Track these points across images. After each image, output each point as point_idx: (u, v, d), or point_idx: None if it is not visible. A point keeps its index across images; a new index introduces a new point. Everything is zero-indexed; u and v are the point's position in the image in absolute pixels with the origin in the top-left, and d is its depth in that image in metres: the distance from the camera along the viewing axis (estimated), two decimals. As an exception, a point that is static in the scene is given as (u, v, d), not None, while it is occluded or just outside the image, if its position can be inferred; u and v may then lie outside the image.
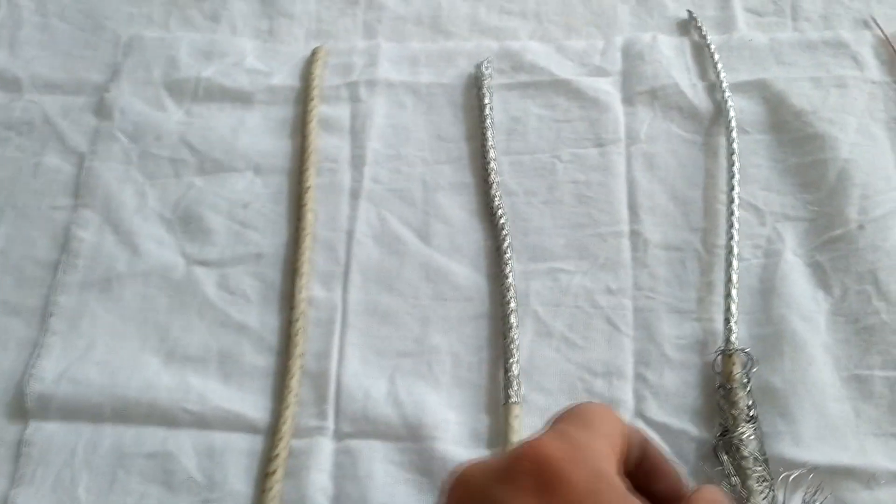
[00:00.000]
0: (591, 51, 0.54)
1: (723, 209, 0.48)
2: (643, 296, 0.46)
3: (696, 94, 0.51)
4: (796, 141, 0.49)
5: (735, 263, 0.44)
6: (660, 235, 0.47)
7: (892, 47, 0.52)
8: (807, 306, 0.44)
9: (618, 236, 0.47)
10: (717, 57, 0.48)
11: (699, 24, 0.53)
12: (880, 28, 0.53)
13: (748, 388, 0.41)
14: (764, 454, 0.39)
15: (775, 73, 0.52)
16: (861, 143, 0.48)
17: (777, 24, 0.54)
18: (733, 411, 0.40)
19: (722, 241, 0.47)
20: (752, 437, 0.39)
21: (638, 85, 0.52)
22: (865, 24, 0.54)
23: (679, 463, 0.40)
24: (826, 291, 0.45)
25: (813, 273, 0.45)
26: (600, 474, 0.27)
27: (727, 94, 0.48)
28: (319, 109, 0.52)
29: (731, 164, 0.47)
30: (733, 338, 0.42)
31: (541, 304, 0.46)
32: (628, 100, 0.52)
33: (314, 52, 0.54)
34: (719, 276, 0.46)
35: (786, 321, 0.43)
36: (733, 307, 0.43)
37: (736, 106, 0.51)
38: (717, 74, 0.48)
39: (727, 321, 0.42)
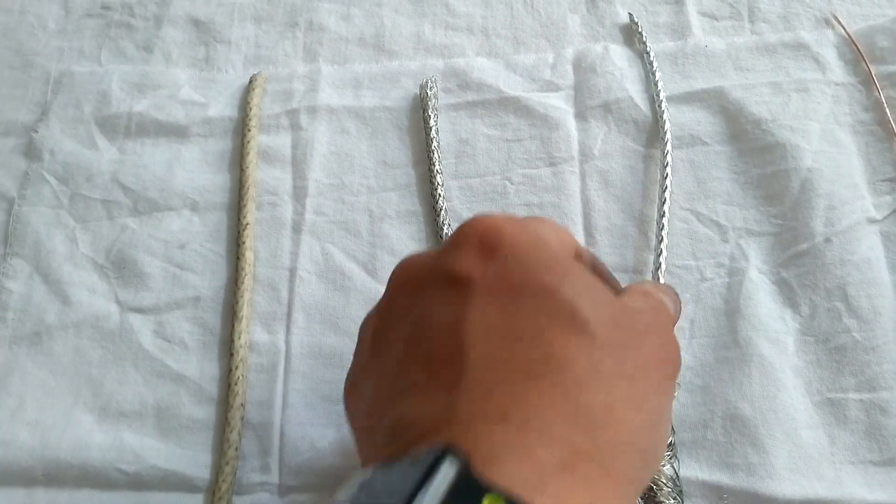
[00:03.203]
0: (541, 65, 0.51)
1: (684, 227, 0.45)
2: (603, 323, 0.43)
3: (650, 105, 0.49)
4: (757, 151, 0.47)
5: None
6: (618, 258, 0.45)
7: (856, 46, 0.50)
8: (774, 327, 0.42)
9: (574, 260, 0.45)
10: (655, 65, 0.46)
11: (640, 30, 0.51)
12: (842, 26, 0.51)
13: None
14: (679, 486, 0.37)
15: (733, 79, 0.49)
16: (825, 150, 0.46)
17: (734, 28, 0.52)
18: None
19: (683, 261, 0.44)
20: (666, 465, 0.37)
21: (590, 99, 0.50)
22: (827, 23, 0.52)
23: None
24: (794, 310, 0.42)
25: (779, 291, 0.43)
26: (542, 240, 0.29)
27: (664, 104, 0.46)
28: (258, 140, 0.49)
29: (664, 178, 0.45)
30: None
31: (495, 338, 0.43)
32: (581, 115, 0.49)
33: (252, 80, 0.51)
34: (683, 298, 0.43)
35: (752, 344, 0.41)
36: None
37: (693, 116, 0.48)
38: (655, 84, 0.46)
39: None
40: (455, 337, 0.26)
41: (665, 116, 0.46)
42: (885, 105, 0.48)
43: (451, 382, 0.25)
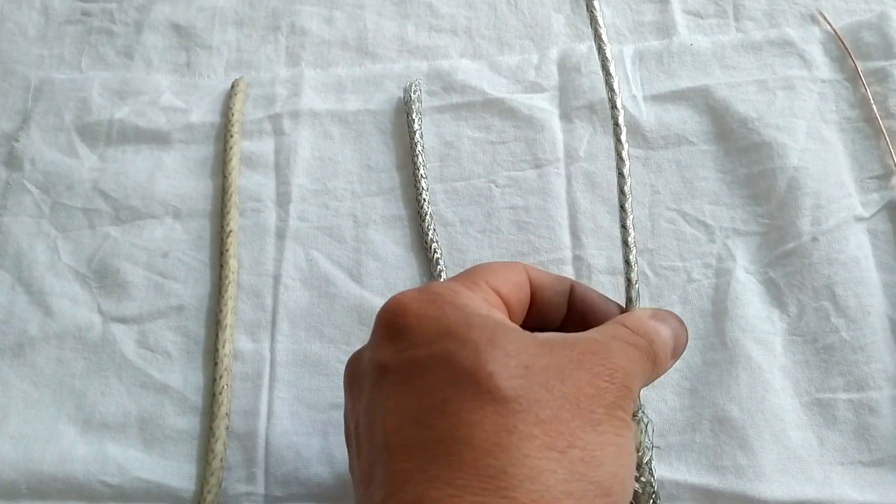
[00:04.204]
0: (525, 66, 0.51)
1: (671, 228, 0.45)
2: (590, 326, 0.43)
3: (636, 105, 0.49)
4: (743, 150, 0.46)
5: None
6: (604, 260, 0.45)
7: (842, 42, 0.50)
8: (762, 327, 0.41)
9: (560, 263, 0.45)
10: (613, 74, 0.45)
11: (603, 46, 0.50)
12: (828, 22, 0.51)
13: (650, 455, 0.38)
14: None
15: (719, 78, 0.49)
16: (811, 148, 0.46)
17: (719, 26, 0.52)
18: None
19: (670, 262, 0.44)
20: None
21: (575, 100, 0.49)
22: (813, 20, 0.51)
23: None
24: (782, 310, 0.42)
25: (767, 291, 0.43)
26: (452, 305, 0.28)
27: (618, 108, 0.46)
28: (241, 146, 0.49)
29: (622, 185, 0.44)
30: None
31: (482, 342, 0.43)
32: (566, 116, 0.49)
33: (234, 85, 0.51)
34: (670, 300, 0.43)
35: (740, 345, 0.41)
36: None
37: (679, 116, 0.48)
38: (611, 92, 0.46)
39: None
40: (380, 429, 0.27)
41: (621, 122, 0.46)
42: (872, 101, 0.47)
43: (382, 477, 0.26)
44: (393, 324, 0.29)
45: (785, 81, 0.48)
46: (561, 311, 0.33)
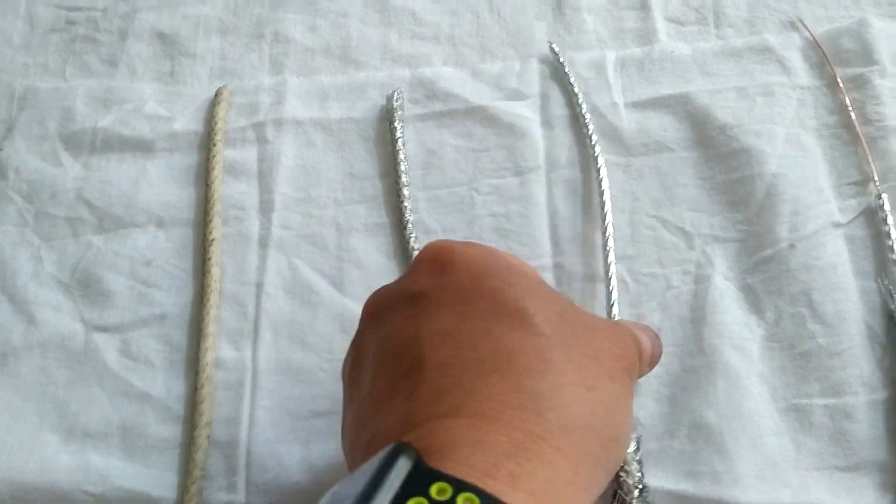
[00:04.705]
0: (508, 73, 0.51)
1: (651, 235, 0.45)
2: (570, 333, 0.43)
3: (616, 113, 0.49)
4: (723, 157, 0.47)
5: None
6: (584, 267, 0.45)
7: (821, 49, 0.50)
8: (739, 334, 0.42)
9: (541, 271, 0.45)
10: (576, 87, 0.47)
11: (561, 59, 0.51)
12: (808, 29, 0.51)
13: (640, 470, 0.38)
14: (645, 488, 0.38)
15: (699, 84, 0.49)
16: (790, 154, 0.46)
17: (700, 33, 0.52)
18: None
19: (650, 269, 0.44)
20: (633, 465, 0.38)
21: (556, 107, 0.50)
22: (793, 27, 0.52)
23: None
24: (759, 316, 0.42)
25: (745, 297, 0.43)
26: (493, 252, 0.31)
27: (588, 119, 0.47)
28: (224, 154, 0.49)
29: (601, 195, 0.45)
30: None
31: (462, 350, 0.43)
32: (547, 123, 0.49)
33: (218, 93, 0.51)
34: (649, 307, 0.44)
35: (718, 352, 0.41)
36: None
37: (659, 122, 0.48)
38: (575, 102, 0.47)
39: None
40: (413, 348, 0.28)
41: (592, 133, 0.47)
42: (850, 108, 0.48)
43: (411, 391, 0.27)
44: (437, 259, 0.30)
45: (764, 88, 0.49)
46: None
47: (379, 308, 0.31)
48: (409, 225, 0.46)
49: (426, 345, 0.28)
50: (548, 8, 0.54)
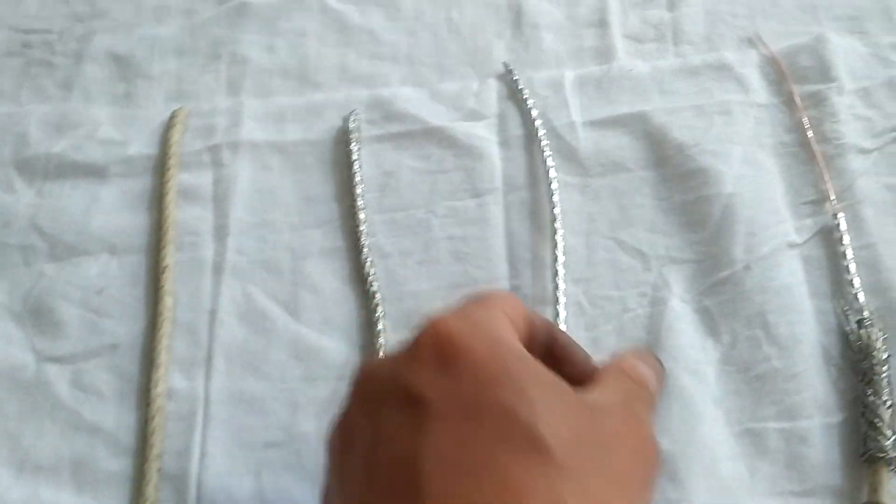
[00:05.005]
0: (466, 93, 0.51)
1: (607, 257, 0.45)
2: (525, 358, 0.43)
3: (573, 133, 0.49)
4: (680, 176, 0.47)
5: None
6: (540, 290, 0.45)
7: (779, 66, 0.50)
8: (695, 357, 0.41)
9: (497, 294, 0.44)
10: (532, 107, 0.46)
11: (515, 78, 0.50)
12: (766, 46, 0.51)
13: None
14: None
15: (657, 103, 0.49)
16: (747, 173, 0.46)
17: (658, 51, 0.52)
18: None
19: (606, 291, 0.44)
20: None
21: (514, 127, 0.49)
22: (751, 43, 0.52)
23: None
24: (715, 339, 0.42)
25: (701, 320, 0.43)
26: (499, 340, 0.28)
27: (543, 142, 0.46)
28: (179, 178, 0.49)
29: (553, 221, 0.45)
30: None
31: (417, 376, 0.43)
32: (505, 144, 0.49)
33: (173, 116, 0.51)
34: (605, 331, 0.43)
35: (673, 376, 0.41)
36: None
37: (617, 142, 0.48)
38: (533, 122, 0.47)
39: None
40: (411, 470, 0.25)
41: (546, 154, 0.47)
42: (807, 126, 0.48)
43: None
44: (438, 351, 0.27)
45: (722, 106, 0.49)
46: (538, 349, 0.32)
47: (372, 394, 0.29)
48: (365, 249, 0.46)
49: (424, 471, 0.25)
50: (506, 26, 0.54)
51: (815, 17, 0.52)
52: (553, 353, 0.32)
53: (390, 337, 0.44)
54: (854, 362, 0.40)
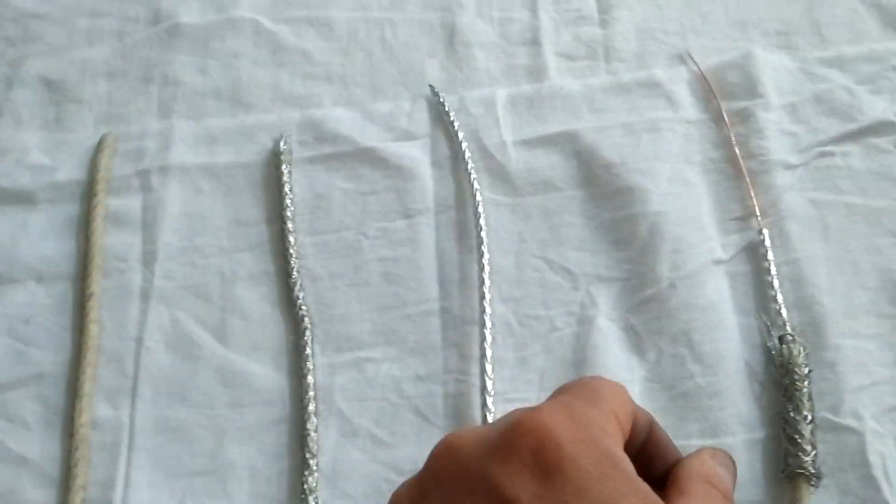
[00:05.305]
0: (398, 113, 0.51)
1: (536, 276, 0.45)
2: (454, 379, 0.43)
3: (504, 152, 0.49)
4: (608, 195, 0.47)
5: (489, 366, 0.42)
6: (470, 310, 0.45)
7: (708, 83, 0.50)
8: (620, 375, 0.42)
9: (427, 315, 0.45)
10: (458, 128, 0.46)
11: (442, 100, 0.50)
12: (695, 63, 0.51)
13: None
14: None
15: (587, 122, 0.49)
16: (674, 191, 0.46)
17: (590, 68, 0.52)
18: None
19: (535, 311, 0.44)
20: None
21: (446, 147, 0.49)
22: (681, 60, 0.52)
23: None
24: (640, 357, 0.42)
25: (627, 338, 0.43)
26: (608, 457, 0.24)
27: (470, 164, 0.46)
28: (107, 204, 0.48)
29: (480, 244, 0.45)
30: None
31: (346, 401, 0.43)
32: (437, 164, 0.49)
33: (102, 140, 0.50)
34: (534, 350, 0.43)
35: (598, 396, 0.41)
36: (490, 419, 0.40)
37: (547, 161, 0.48)
38: (460, 145, 0.47)
39: None
40: None
41: (473, 177, 0.47)
42: (734, 142, 0.48)
43: None
44: (539, 454, 0.24)
45: (651, 124, 0.49)
46: (636, 446, 0.30)
47: (457, 480, 0.25)
48: (295, 273, 0.46)
49: None
50: (440, 45, 0.54)
51: (746, 32, 0.53)
52: (647, 447, 0.30)
53: (319, 361, 0.44)
54: (777, 378, 0.41)
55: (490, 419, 0.40)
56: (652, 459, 0.30)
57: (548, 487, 0.24)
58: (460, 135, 0.49)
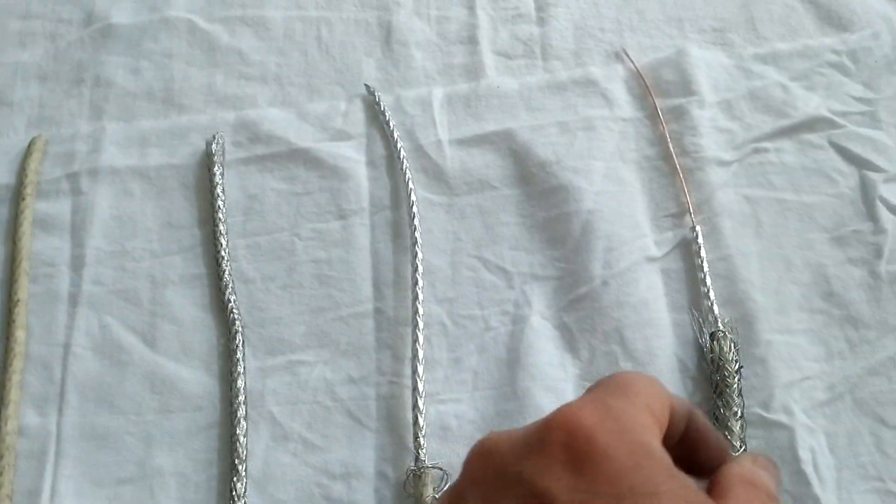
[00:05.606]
0: (333, 113, 0.50)
1: (471, 275, 0.45)
2: (387, 381, 0.43)
3: (440, 151, 0.49)
4: (543, 194, 0.47)
5: (421, 370, 0.41)
6: (404, 311, 0.44)
7: (643, 80, 0.50)
8: (553, 374, 0.42)
9: (360, 317, 0.44)
10: (393, 128, 0.46)
11: (377, 100, 0.50)
12: (631, 60, 0.51)
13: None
14: None
15: (523, 120, 0.49)
16: (608, 189, 0.46)
17: (527, 67, 0.52)
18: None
19: (469, 311, 0.44)
20: None
21: (381, 147, 0.49)
22: (618, 57, 0.52)
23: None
24: (574, 355, 0.42)
25: (561, 336, 0.43)
26: (642, 447, 0.24)
27: (405, 164, 0.46)
28: (35, 208, 0.47)
29: (414, 244, 0.45)
30: (422, 454, 0.39)
31: (277, 404, 0.42)
32: (372, 164, 0.49)
33: (31, 143, 0.49)
34: (468, 350, 0.43)
35: (530, 395, 0.41)
36: (420, 420, 0.40)
37: (483, 160, 0.48)
38: (395, 144, 0.46)
39: (416, 436, 0.39)
40: None
41: (408, 177, 0.47)
42: (669, 139, 0.48)
43: None
44: (572, 449, 0.24)
45: (586, 122, 0.49)
46: (675, 437, 0.29)
47: (491, 479, 0.26)
48: (226, 275, 0.45)
49: None
50: (377, 44, 0.53)
51: (682, 30, 0.53)
52: (687, 437, 0.29)
53: (250, 364, 0.43)
54: (708, 374, 0.41)
55: (421, 420, 0.40)
56: (694, 450, 0.29)
57: (581, 479, 0.24)
58: (396, 134, 0.48)
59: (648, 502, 0.23)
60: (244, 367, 0.42)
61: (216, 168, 0.48)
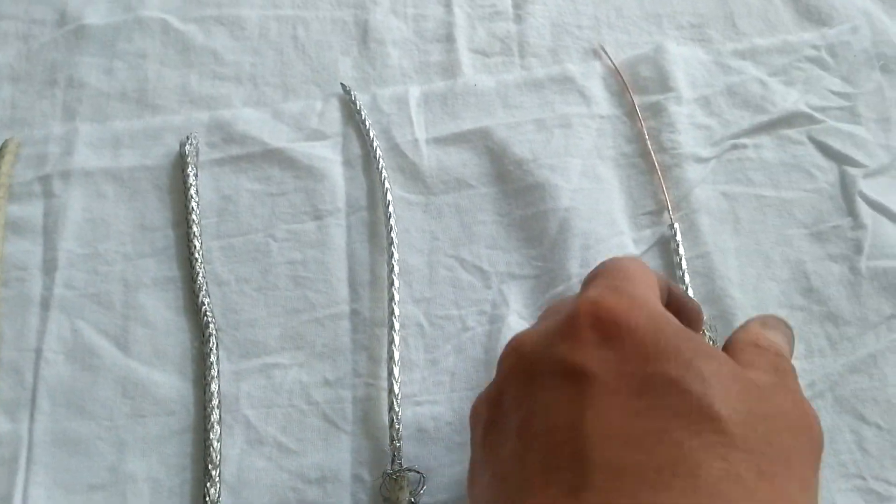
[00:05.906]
0: (309, 113, 0.50)
1: (448, 275, 0.45)
2: (363, 383, 0.42)
3: (417, 150, 0.48)
4: (520, 192, 0.46)
5: (396, 370, 0.41)
6: (381, 312, 0.44)
7: (621, 77, 0.50)
8: (530, 375, 0.41)
9: (336, 319, 0.44)
10: (369, 126, 0.45)
11: (353, 99, 0.50)
12: (609, 57, 0.51)
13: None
14: None
15: (500, 118, 0.49)
16: (585, 187, 0.46)
17: (504, 64, 0.52)
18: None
19: (446, 311, 0.44)
20: None
21: (357, 147, 0.48)
22: (595, 55, 0.52)
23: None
24: (551, 355, 0.42)
25: (538, 336, 0.42)
26: (659, 316, 0.27)
27: (381, 163, 0.45)
28: (8, 210, 0.47)
29: (390, 244, 0.45)
30: (400, 457, 0.39)
31: (252, 408, 0.42)
32: (348, 163, 0.48)
33: (4, 145, 0.49)
34: (445, 351, 0.43)
35: (507, 395, 0.40)
36: (397, 422, 0.40)
37: (460, 158, 0.48)
38: (372, 143, 0.46)
39: (392, 439, 0.39)
40: (575, 438, 0.25)
41: (384, 175, 0.46)
42: (647, 136, 0.48)
43: (575, 487, 0.24)
44: (600, 326, 0.26)
45: (562, 119, 0.48)
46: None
47: (527, 369, 0.28)
48: (200, 278, 0.44)
49: (591, 438, 0.24)
50: (353, 42, 0.53)
51: (660, 26, 0.53)
52: (669, 307, 0.31)
53: (224, 368, 0.42)
54: (686, 373, 0.40)
55: (397, 423, 0.39)
56: (678, 314, 0.31)
57: (611, 350, 0.26)
58: (372, 133, 0.48)
59: (673, 358, 0.25)
60: (218, 371, 0.42)
61: (190, 169, 0.47)
